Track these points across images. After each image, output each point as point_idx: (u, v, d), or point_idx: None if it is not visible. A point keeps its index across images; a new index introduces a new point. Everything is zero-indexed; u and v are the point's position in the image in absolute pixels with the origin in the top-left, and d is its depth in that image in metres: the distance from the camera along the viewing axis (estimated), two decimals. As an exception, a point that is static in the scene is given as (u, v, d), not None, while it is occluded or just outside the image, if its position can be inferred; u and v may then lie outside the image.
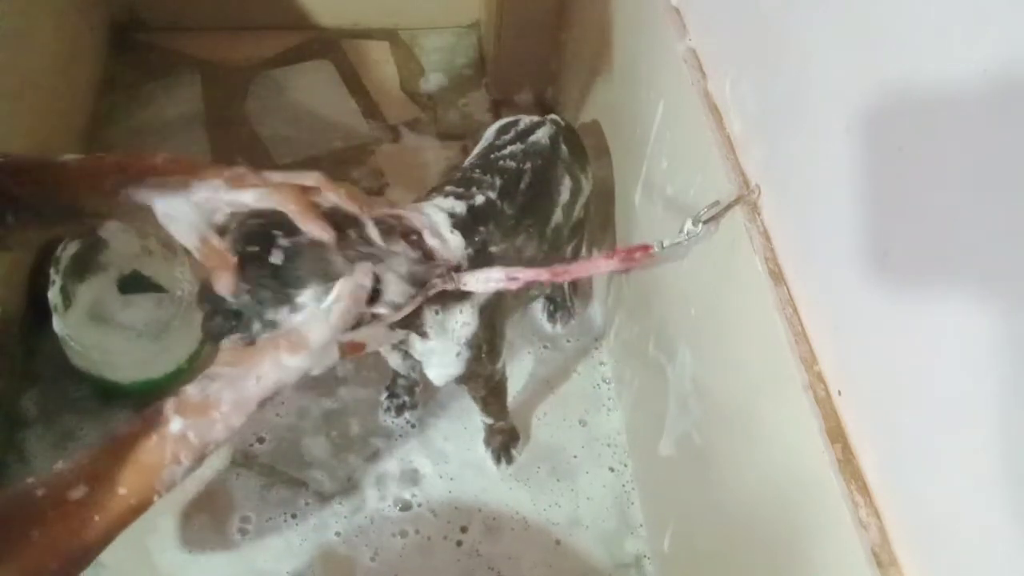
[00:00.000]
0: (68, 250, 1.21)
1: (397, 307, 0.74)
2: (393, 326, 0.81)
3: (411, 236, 0.78)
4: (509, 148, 1.09)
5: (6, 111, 1.27)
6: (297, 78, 1.79)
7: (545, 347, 1.41)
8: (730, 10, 0.85)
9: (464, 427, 1.30)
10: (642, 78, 1.09)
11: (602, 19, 1.28)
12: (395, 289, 0.73)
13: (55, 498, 0.57)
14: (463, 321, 0.92)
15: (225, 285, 0.68)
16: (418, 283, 0.75)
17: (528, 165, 1.06)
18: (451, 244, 0.85)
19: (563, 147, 1.13)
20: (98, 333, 1.21)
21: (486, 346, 1.00)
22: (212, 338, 0.71)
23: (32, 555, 0.55)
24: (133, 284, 1.26)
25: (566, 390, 1.36)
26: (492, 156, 1.08)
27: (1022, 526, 0.48)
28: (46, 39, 1.44)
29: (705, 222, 0.80)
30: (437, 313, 0.90)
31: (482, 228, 0.93)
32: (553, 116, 1.18)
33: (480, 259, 0.88)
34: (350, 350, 0.76)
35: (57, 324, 1.19)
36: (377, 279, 0.71)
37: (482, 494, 1.24)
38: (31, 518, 0.56)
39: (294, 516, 1.19)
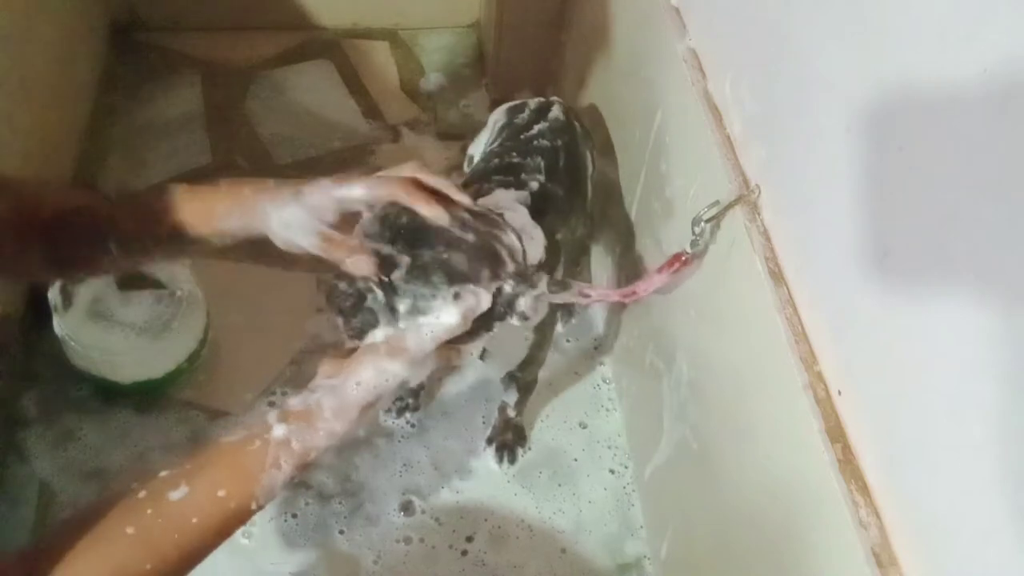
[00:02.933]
0: (68, 250, 1.21)
1: (524, 318, 0.73)
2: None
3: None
4: (536, 127, 1.06)
5: (6, 111, 1.27)
6: (297, 78, 1.79)
7: (545, 347, 1.41)
8: (730, 10, 0.85)
9: (465, 429, 1.30)
10: (642, 78, 1.09)
11: (602, 19, 1.28)
12: (526, 304, 0.73)
13: (155, 498, 0.58)
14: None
15: (365, 264, 0.69)
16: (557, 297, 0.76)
17: (559, 142, 1.04)
18: (537, 241, 0.83)
19: (576, 122, 1.13)
20: (98, 332, 1.21)
21: (550, 329, 1.02)
22: (359, 335, 0.71)
23: (127, 550, 0.55)
24: (132, 281, 1.26)
25: (566, 391, 1.36)
26: (522, 136, 1.05)
27: (1022, 526, 0.48)
28: (46, 39, 1.44)
29: (706, 221, 0.81)
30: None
31: (548, 217, 0.91)
32: (555, 97, 1.18)
33: (552, 250, 0.86)
34: (443, 355, 0.74)
35: (57, 324, 1.19)
36: (509, 301, 0.72)
37: (487, 500, 1.23)
38: (129, 515, 0.56)
39: (295, 516, 1.19)
